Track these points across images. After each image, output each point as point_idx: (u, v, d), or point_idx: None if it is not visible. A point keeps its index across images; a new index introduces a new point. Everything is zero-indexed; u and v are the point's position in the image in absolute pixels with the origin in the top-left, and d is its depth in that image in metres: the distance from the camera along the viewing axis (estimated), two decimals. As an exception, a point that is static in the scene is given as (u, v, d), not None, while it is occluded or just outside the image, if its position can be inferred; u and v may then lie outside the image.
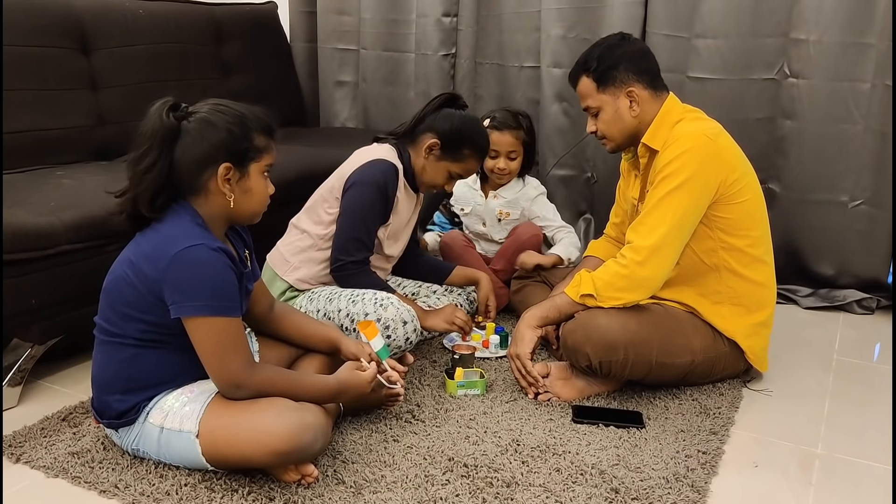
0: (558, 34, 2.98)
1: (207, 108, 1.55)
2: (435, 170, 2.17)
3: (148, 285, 1.51)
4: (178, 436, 1.55)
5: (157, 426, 1.57)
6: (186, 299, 1.49)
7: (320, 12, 3.49)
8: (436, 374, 2.11)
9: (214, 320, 1.51)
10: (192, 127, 1.52)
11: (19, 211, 1.90)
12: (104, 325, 1.60)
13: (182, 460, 1.59)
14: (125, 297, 1.55)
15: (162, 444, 1.58)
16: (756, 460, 1.76)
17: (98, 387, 1.63)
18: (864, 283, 2.76)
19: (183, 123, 1.52)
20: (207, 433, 1.53)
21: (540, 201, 2.68)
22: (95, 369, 1.64)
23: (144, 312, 1.54)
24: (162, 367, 1.59)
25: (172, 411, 1.57)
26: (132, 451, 1.64)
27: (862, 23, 2.55)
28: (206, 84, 3.06)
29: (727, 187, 1.92)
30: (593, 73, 2.02)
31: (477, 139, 2.17)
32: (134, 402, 1.59)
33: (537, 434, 1.80)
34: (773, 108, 2.75)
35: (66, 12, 2.64)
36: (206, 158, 1.52)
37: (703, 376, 2.04)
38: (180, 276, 1.49)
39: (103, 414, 1.62)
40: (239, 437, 1.51)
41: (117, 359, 1.59)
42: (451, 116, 2.15)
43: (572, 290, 1.95)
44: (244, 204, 1.59)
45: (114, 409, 1.60)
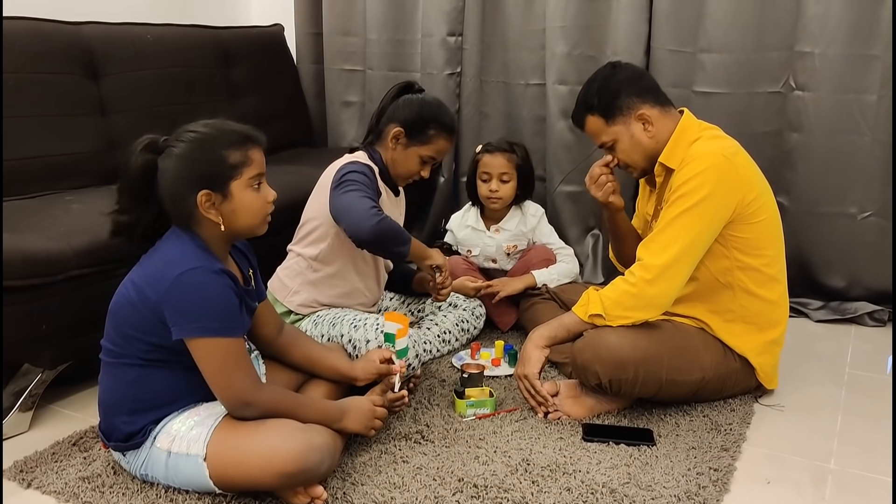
0: (563, 52, 2.99)
1: (182, 137, 1.57)
2: (406, 158, 2.15)
3: (150, 307, 1.52)
4: (186, 459, 1.55)
5: (164, 450, 1.57)
6: (187, 321, 1.50)
7: (326, 34, 3.52)
8: (445, 394, 2.10)
9: (217, 341, 1.52)
10: (165, 163, 1.55)
11: (29, 236, 1.92)
12: (109, 346, 1.61)
13: (190, 484, 1.59)
14: (129, 319, 1.56)
15: (170, 469, 1.58)
16: (768, 477, 1.74)
17: (105, 409, 1.64)
18: (876, 295, 2.74)
19: (158, 160, 1.55)
20: (215, 456, 1.53)
21: (540, 226, 2.69)
22: (102, 392, 1.65)
23: (147, 334, 1.55)
24: (168, 387, 1.60)
25: (180, 435, 1.57)
26: (141, 476, 1.64)
27: (867, 34, 2.55)
28: (215, 107, 3.08)
29: (744, 207, 1.91)
30: (598, 109, 2.01)
31: (440, 117, 2.15)
32: (141, 425, 1.59)
33: (547, 453, 1.80)
34: (780, 122, 2.75)
35: (74, 38, 2.67)
36: (183, 191, 1.54)
37: (714, 393, 2.03)
38: (181, 299, 1.50)
39: (110, 437, 1.63)
40: (246, 459, 1.51)
41: (123, 380, 1.60)
42: (409, 102, 2.15)
43: (580, 310, 1.95)
44: (237, 222, 1.60)
45: (121, 431, 1.60)
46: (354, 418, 1.68)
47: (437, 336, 2.36)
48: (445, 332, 2.38)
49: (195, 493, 1.60)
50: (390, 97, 2.18)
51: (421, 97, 2.18)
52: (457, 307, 2.45)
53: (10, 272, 1.79)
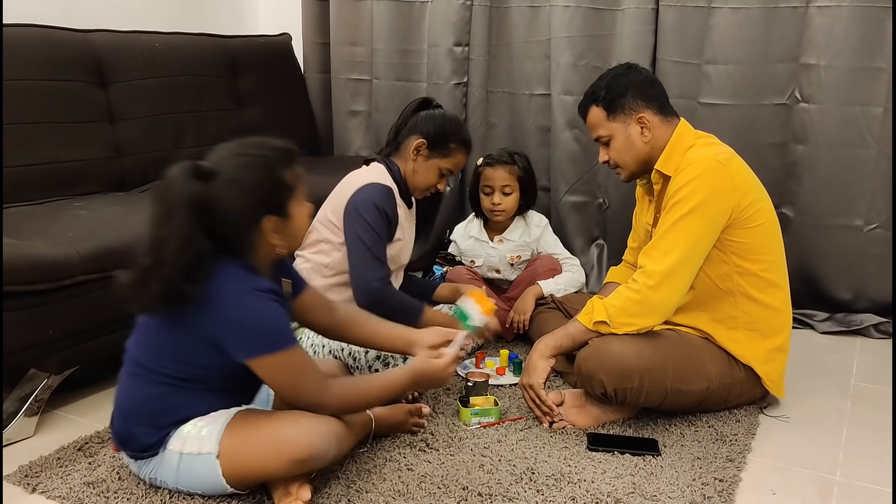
0: (568, 62, 3.00)
1: (229, 161, 1.48)
2: (426, 169, 2.18)
3: (198, 332, 1.50)
4: (198, 459, 1.54)
5: (176, 452, 1.56)
6: (246, 343, 1.50)
7: (333, 44, 3.53)
8: (450, 402, 2.10)
9: (280, 356, 1.51)
10: (222, 190, 1.45)
11: (37, 242, 1.93)
12: (140, 358, 1.58)
13: (200, 484, 1.58)
14: (168, 342, 1.54)
15: (181, 471, 1.57)
16: (774, 488, 1.74)
17: (123, 416, 1.61)
18: (881, 307, 2.74)
19: (210, 187, 1.45)
20: (228, 451, 1.53)
21: (544, 236, 2.69)
22: (122, 399, 1.61)
23: (190, 355, 1.53)
24: (194, 405, 1.58)
25: (191, 437, 1.56)
26: (150, 480, 1.64)
27: (873, 47, 2.56)
28: (222, 115, 3.10)
29: (740, 212, 1.92)
30: (602, 102, 2.04)
31: (460, 132, 2.21)
32: (161, 437, 1.58)
33: (552, 462, 1.79)
34: (785, 133, 2.76)
35: (83, 46, 2.69)
36: (248, 219, 1.49)
37: (719, 403, 2.02)
38: (235, 322, 1.48)
39: (126, 444, 1.61)
40: (258, 450, 1.52)
41: (148, 394, 1.57)
42: (432, 116, 2.19)
43: (585, 318, 1.95)
44: (292, 243, 1.61)
45: (139, 441, 1.59)
46: (425, 380, 1.71)
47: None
48: (450, 341, 2.38)
49: (200, 497, 1.61)
50: (410, 111, 2.22)
51: (442, 112, 2.22)
52: None
53: (17, 277, 1.79)
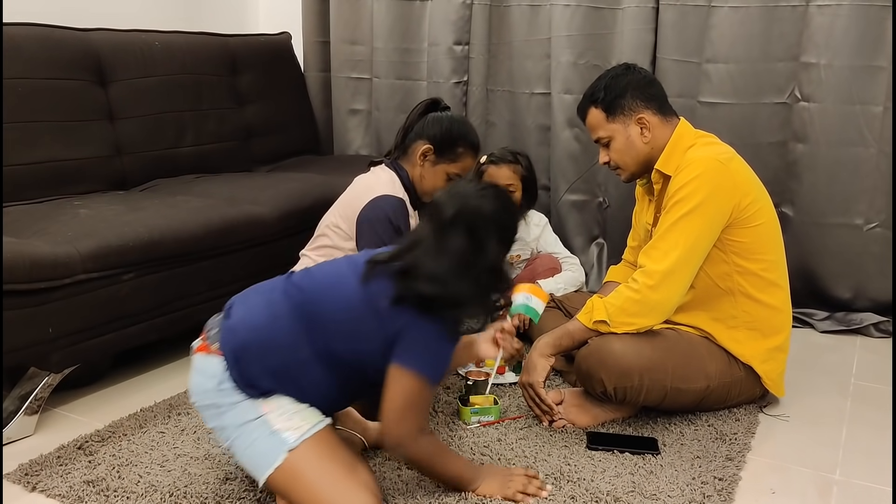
0: (569, 61, 3.00)
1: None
2: (433, 174, 2.16)
3: (382, 318, 1.49)
4: (271, 436, 1.46)
5: (257, 413, 1.48)
6: (412, 354, 1.48)
7: (333, 42, 3.53)
8: (449, 401, 2.10)
9: (420, 382, 1.49)
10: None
11: (37, 241, 1.93)
12: (312, 316, 1.51)
13: (247, 455, 1.49)
14: (353, 326, 1.51)
15: (245, 430, 1.48)
16: (773, 487, 1.74)
17: (252, 346, 1.50)
18: (881, 306, 2.74)
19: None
20: (296, 461, 1.46)
21: (544, 235, 2.69)
22: (267, 330, 1.52)
23: (362, 340, 1.50)
24: (316, 383, 1.52)
25: (281, 410, 1.49)
26: (202, 406, 1.54)
27: (873, 46, 2.56)
28: (222, 114, 3.10)
29: (741, 211, 1.92)
30: (601, 103, 2.03)
31: (468, 136, 2.17)
32: (268, 388, 1.49)
33: (552, 461, 1.79)
34: (785, 132, 2.76)
35: (83, 45, 2.69)
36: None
37: (718, 402, 2.02)
38: (421, 335, 1.49)
39: (235, 363, 1.49)
40: (314, 494, 1.45)
41: (290, 350, 1.50)
42: (438, 119, 2.16)
43: (585, 317, 1.95)
44: None
45: (249, 373, 1.49)
46: (488, 485, 1.63)
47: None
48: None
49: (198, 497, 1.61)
50: (417, 114, 2.18)
51: (449, 115, 2.19)
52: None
53: (17, 276, 1.79)
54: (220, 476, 1.71)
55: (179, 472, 1.73)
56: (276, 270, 2.25)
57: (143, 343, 2.20)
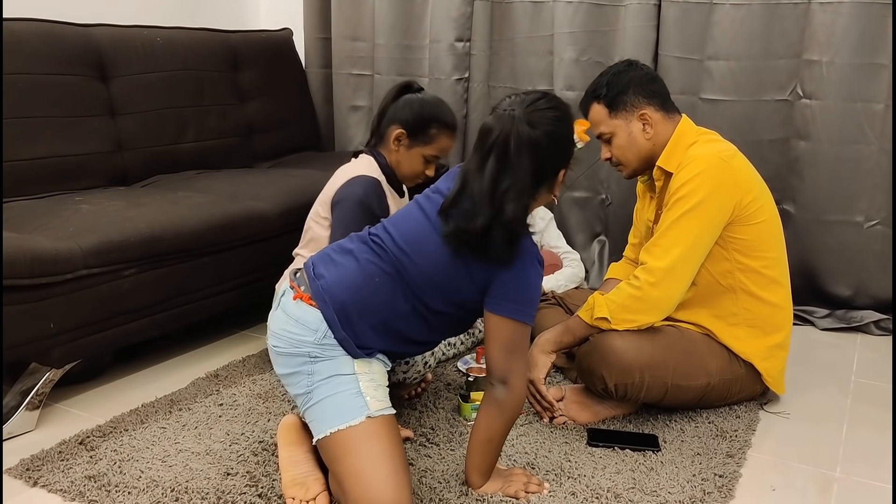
0: (571, 57, 3.00)
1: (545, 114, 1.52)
2: (410, 158, 2.14)
3: (474, 270, 1.51)
4: (357, 397, 1.50)
5: (353, 372, 1.52)
6: (508, 300, 1.51)
7: (335, 38, 3.53)
8: (450, 398, 2.10)
9: (520, 326, 1.52)
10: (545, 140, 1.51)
11: (38, 236, 1.93)
12: (403, 273, 1.54)
13: (326, 404, 1.50)
14: (445, 282, 1.53)
15: (333, 381, 1.51)
16: (773, 484, 1.74)
17: (358, 303, 1.53)
18: (882, 303, 2.74)
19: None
20: (363, 431, 1.47)
21: (548, 230, 2.69)
22: (365, 289, 1.54)
23: (457, 292, 1.54)
24: (420, 330, 1.59)
25: (371, 376, 1.54)
26: (289, 352, 1.54)
27: (874, 43, 2.56)
28: (223, 110, 3.10)
29: (742, 209, 1.92)
30: (604, 98, 2.03)
31: (440, 115, 2.12)
32: (374, 346, 1.55)
33: (552, 457, 1.80)
34: (787, 129, 2.76)
35: (84, 41, 2.68)
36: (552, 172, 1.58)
37: (719, 399, 2.03)
38: (513, 282, 1.50)
39: (340, 325, 1.52)
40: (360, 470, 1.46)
41: (392, 303, 1.54)
42: (409, 102, 2.11)
43: (586, 314, 1.95)
44: None
45: (358, 335, 1.53)
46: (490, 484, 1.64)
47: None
48: (451, 336, 2.38)
49: (199, 493, 1.61)
50: (390, 98, 2.14)
51: (420, 97, 2.14)
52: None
53: (18, 271, 1.79)
54: (222, 471, 1.71)
55: (181, 468, 1.73)
56: (277, 266, 2.27)
57: (145, 339, 2.20)
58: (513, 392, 1.54)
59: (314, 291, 1.55)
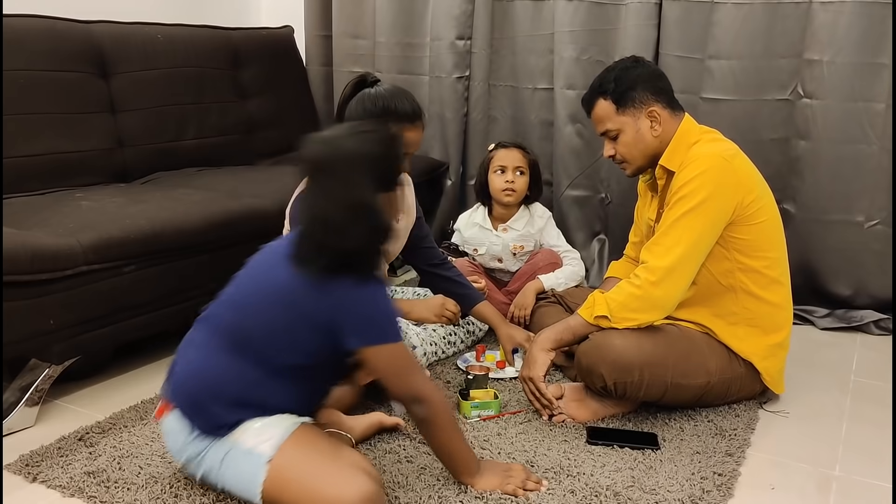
0: (571, 56, 3.00)
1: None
2: None
3: (312, 316, 1.47)
4: (247, 456, 1.47)
5: (231, 442, 1.49)
6: (369, 331, 1.48)
7: (336, 36, 3.53)
8: (450, 395, 2.10)
9: (394, 346, 1.50)
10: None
11: (39, 232, 1.93)
12: (243, 337, 1.51)
13: (235, 481, 1.50)
14: (280, 324, 1.49)
15: (226, 460, 1.49)
16: (772, 483, 1.74)
17: (205, 388, 1.51)
18: (882, 303, 2.74)
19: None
20: (279, 467, 1.45)
21: (547, 228, 2.70)
22: (207, 370, 1.53)
23: (297, 338, 1.49)
24: (279, 396, 1.53)
25: (251, 430, 1.50)
26: (185, 461, 1.55)
27: (876, 43, 2.56)
28: (224, 107, 3.10)
29: (744, 209, 1.92)
30: (612, 95, 2.01)
31: (397, 107, 1.96)
32: (238, 418, 1.50)
33: (552, 455, 1.80)
34: (788, 129, 2.75)
35: (85, 37, 2.69)
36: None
37: (718, 397, 2.03)
38: (359, 311, 1.47)
39: (196, 416, 1.51)
40: (308, 487, 1.44)
41: (242, 373, 1.51)
42: (362, 101, 1.97)
43: (586, 312, 1.95)
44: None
45: (214, 417, 1.50)
46: (488, 480, 1.63)
47: (443, 338, 2.36)
48: (451, 334, 2.38)
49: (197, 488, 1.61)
50: (346, 96, 2.01)
51: (374, 92, 1.98)
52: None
53: (18, 267, 1.80)
54: (221, 468, 1.71)
55: (180, 464, 1.73)
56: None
57: (144, 335, 2.20)
58: (431, 402, 1.54)
59: (170, 394, 1.57)
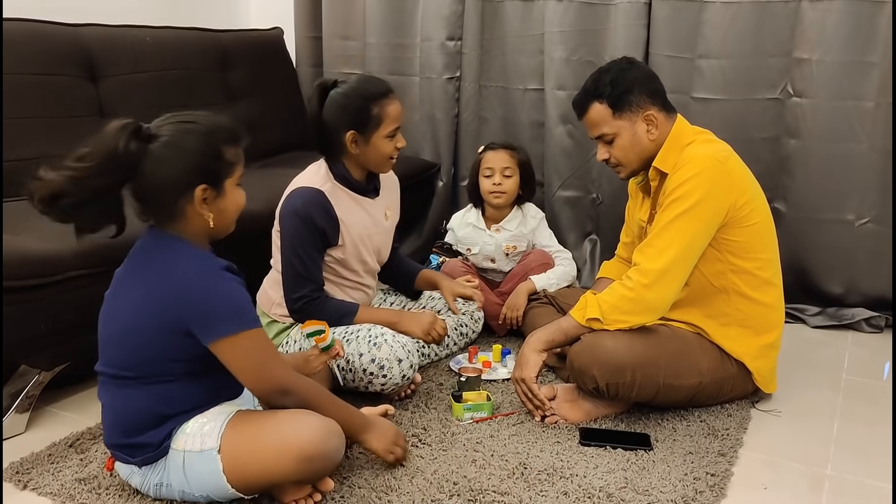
0: (561, 56, 3.00)
1: (172, 127, 1.49)
2: (375, 148, 2.07)
3: (166, 324, 1.48)
4: (201, 457, 1.50)
5: (179, 451, 1.52)
6: (213, 324, 1.47)
7: (326, 37, 3.52)
8: (442, 398, 2.10)
9: (245, 335, 1.48)
10: (159, 152, 1.46)
11: (27, 237, 1.92)
12: (119, 372, 1.54)
13: (205, 486, 1.53)
14: (144, 343, 1.50)
15: (187, 471, 1.52)
16: (765, 482, 1.75)
17: (124, 431, 1.55)
18: (873, 301, 2.75)
19: (149, 148, 1.46)
20: (230, 448, 1.49)
21: (539, 229, 2.70)
22: (116, 415, 1.57)
23: (167, 350, 1.50)
24: (190, 394, 1.55)
25: (192, 434, 1.52)
26: (155, 489, 1.57)
27: (864, 41, 2.56)
28: (214, 110, 3.05)
29: (737, 210, 1.92)
30: (608, 98, 1.99)
31: (370, 91, 2.05)
32: (167, 431, 1.53)
33: (544, 457, 1.80)
34: (778, 128, 2.76)
35: (73, 40, 2.67)
36: (180, 183, 1.48)
37: (711, 397, 2.03)
38: (199, 304, 1.46)
39: (133, 455, 1.55)
40: (263, 446, 1.48)
41: (143, 398, 1.53)
42: (336, 102, 2.04)
43: (578, 313, 1.95)
44: (222, 221, 1.56)
45: (147, 445, 1.54)
46: (378, 436, 1.66)
47: (435, 340, 2.36)
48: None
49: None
50: (318, 106, 2.07)
51: (344, 90, 2.06)
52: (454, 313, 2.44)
53: (7, 272, 1.79)
54: (213, 473, 1.70)
55: (171, 470, 1.72)
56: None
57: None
58: (297, 389, 1.54)
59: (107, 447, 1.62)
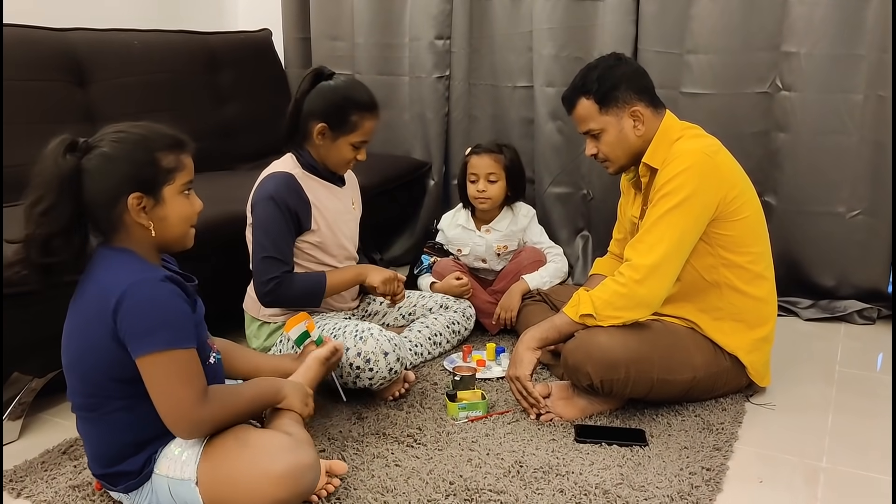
0: (550, 53, 3.00)
1: (106, 139, 1.44)
2: (337, 149, 2.08)
3: (102, 336, 1.42)
4: (182, 485, 1.48)
5: (163, 476, 1.49)
6: (138, 338, 1.40)
7: (314, 38, 3.51)
8: (437, 397, 2.10)
9: (165, 354, 1.40)
10: (93, 164, 1.42)
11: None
12: (83, 401, 1.50)
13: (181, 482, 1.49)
14: (100, 366, 1.45)
15: (173, 495, 1.49)
16: (761, 476, 1.75)
17: (106, 462, 1.52)
18: (865, 293, 2.75)
19: (82, 162, 1.42)
20: (206, 482, 1.46)
21: (530, 226, 2.70)
22: (96, 446, 1.53)
23: (111, 368, 1.44)
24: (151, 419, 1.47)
25: (174, 458, 1.49)
26: None
27: (852, 34, 2.57)
28: (202, 113, 3.08)
29: (727, 204, 1.92)
30: (595, 94, 2.00)
31: (357, 98, 2.05)
32: (146, 457, 1.51)
33: (540, 455, 1.79)
34: (767, 122, 2.76)
35: (61, 45, 2.66)
36: (113, 193, 1.43)
37: (705, 392, 2.03)
38: (130, 318, 1.39)
39: (117, 483, 1.53)
40: (239, 486, 1.44)
41: (116, 429, 1.49)
42: (322, 93, 2.04)
43: (571, 310, 1.95)
44: (167, 231, 1.49)
45: (128, 472, 1.51)
46: (293, 396, 1.64)
47: (429, 339, 2.35)
48: (436, 335, 2.38)
49: None
50: (304, 90, 2.05)
51: (334, 84, 2.06)
52: (447, 309, 2.44)
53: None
54: (208, 478, 1.70)
55: (166, 475, 1.71)
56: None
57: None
58: (208, 418, 1.47)
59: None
